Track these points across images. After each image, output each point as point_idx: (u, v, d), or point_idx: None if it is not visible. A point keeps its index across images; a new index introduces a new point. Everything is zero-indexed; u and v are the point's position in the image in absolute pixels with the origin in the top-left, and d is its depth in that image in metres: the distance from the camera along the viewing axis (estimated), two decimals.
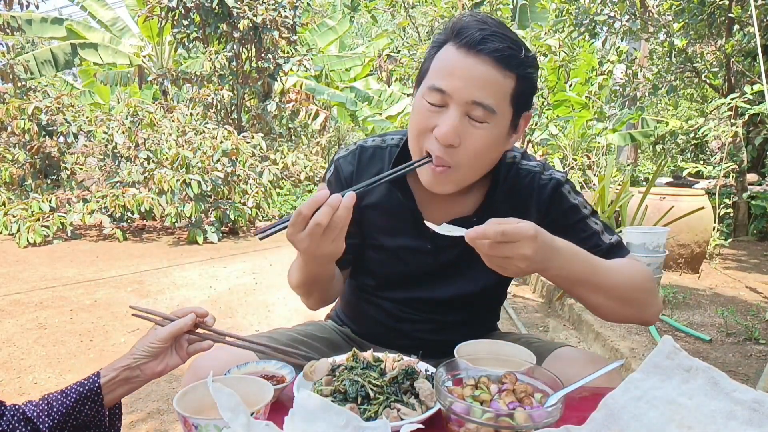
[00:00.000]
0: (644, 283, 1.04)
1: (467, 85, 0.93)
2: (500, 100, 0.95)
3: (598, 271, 0.97)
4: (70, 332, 3.43)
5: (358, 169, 1.17)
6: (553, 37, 5.90)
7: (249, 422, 0.66)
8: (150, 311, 0.97)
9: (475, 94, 0.93)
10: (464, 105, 0.94)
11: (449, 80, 0.94)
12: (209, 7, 8.20)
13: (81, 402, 0.87)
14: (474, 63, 0.93)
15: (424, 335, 1.20)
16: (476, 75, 0.93)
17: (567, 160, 6.79)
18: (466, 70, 0.93)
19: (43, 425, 0.85)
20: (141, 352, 0.91)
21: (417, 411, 0.82)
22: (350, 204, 0.90)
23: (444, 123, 0.94)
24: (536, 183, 1.13)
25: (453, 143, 0.95)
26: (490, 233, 0.83)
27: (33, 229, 6.08)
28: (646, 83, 6.21)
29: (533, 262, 0.86)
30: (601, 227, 1.13)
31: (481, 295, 1.19)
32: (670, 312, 3.39)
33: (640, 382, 0.71)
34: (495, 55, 0.92)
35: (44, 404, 0.87)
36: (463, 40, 0.94)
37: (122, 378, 0.90)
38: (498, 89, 0.94)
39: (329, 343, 1.22)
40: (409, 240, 1.16)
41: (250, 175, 7.27)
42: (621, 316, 1.05)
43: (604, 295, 0.99)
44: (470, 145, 0.96)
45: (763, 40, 4.97)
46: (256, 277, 4.92)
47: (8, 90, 8.01)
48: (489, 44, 0.92)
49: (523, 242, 0.84)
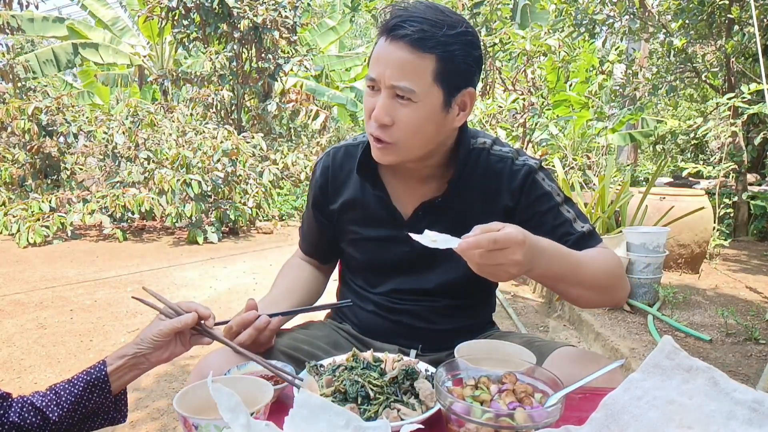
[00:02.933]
0: (616, 270, 1.08)
1: (386, 70, 1.00)
2: (419, 80, 1.00)
3: (578, 266, 1.01)
4: (70, 332, 3.43)
5: (333, 168, 1.25)
6: (553, 37, 5.90)
7: (249, 422, 0.66)
8: (155, 295, 0.99)
9: (394, 78, 1.00)
10: (388, 88, 1.01)
11: (374, 67, 1.03)
12: (209, 7, 8.20)
13: (89, 390, 0.89)
14: (390, 48, 1.00)
15: (421, 324, 1.22)
16: (392, 59, 1.00)
17: (567, 160, 6.79)
18: (385, 56, 1.01)
19: (52, 414, 0.86)
20: (145, 343, 0.93)
21: (417, 411, 0.82)
22: (275, 328, 1.10)
23: (376, 106, 1.03)
24: (508, 168, 1.15)
25: (384, 122, 1.03)
26: (483, 243, 0.83)
27: (33, 229, 6.08)
28: (645, 83, 6.21)
29: (523, 266, 0.87)
30: (574, 215, 1.14)
31: (466, 281, 1.19)
32: (670, 312, 3.39)
33: (640, 382, 0.71)
34: (406, 39, 0.98)
35: (52, 394, 0.88)
36: (383, 29, 1.02)
37: (129, 365, 0.92)
38: (414, 70, 0.99)
39: (331, 342, 1.23)
40: (385, 230, 1.20)
41: (250, 175, 7.27)
42: (597, 302, 1.10)
43: (583, 287, 1.03)
44: (401, 122, 1.03)
45: (763, 40, 4.97)
46: (256, 277, 4.92)
47: (8, 90, 8.01)
48: (401, 30, 0.99)
49: (514, 248, 0.85)
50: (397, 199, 1.19)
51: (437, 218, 1.16)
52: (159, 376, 2.77)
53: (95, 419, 0.92)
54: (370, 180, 1.19)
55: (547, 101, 6.53)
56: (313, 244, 1.36)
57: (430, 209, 1.16)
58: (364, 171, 1.18)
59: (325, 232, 1.31)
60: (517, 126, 6.26)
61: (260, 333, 1.07)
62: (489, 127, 6.34)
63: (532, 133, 6.50)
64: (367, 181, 1.19)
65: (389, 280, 1.23)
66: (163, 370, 2.84)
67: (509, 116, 6.37)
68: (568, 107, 7.40)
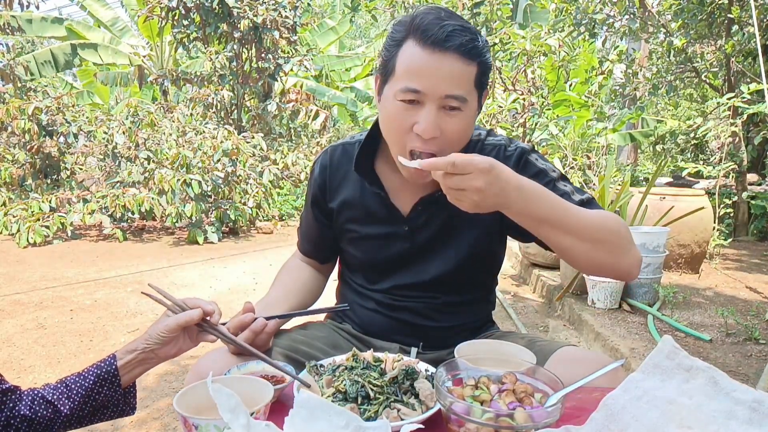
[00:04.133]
0: (619, 228, 1.02)
1: (439, 82, 0.99)
2: (468, 87, 1.02)
3: (566, 210, 0.96)
4: (70, 332, 3.43)
5: (331, 166, 1.26)
6: (553, 37, 5.89)
7: (249, 422, 0.66)
8: (162, 292, 1.00)
9: (448, 89, 0.99)
10: (438, 100, 1.00)
11: (421, 79, 0.99)
12: (209, 7, 8.20)
13: (99, 384, 0.91)
14: (441, 59, 0.98)
15: (422, 321, 1.22)
16: (446, 71, 0.99)
17: (567, 160, 6.79)
18: (435, 68, 0.98)
19: (63, 407, 0.88)
20: (153, 339, 0.95)
21: (417, 411, 0.82)
22: (272, 331, 1.10)
23: (423, 119, 1.00)
24: (501, 155, 1.16)
25: (435, 135, 1.01)
26: (441, 164, 0.86)
27: (33, 229, 6.08)
28: (645, 83, 6.21)
29: (487, 196, 0.87)
30: (571, 189, 1.13)
31: (461, 275, 1.21)
32: (670, 312, 3.39)
33: (640, 382, 0.71)
34: (461, 50, 0.98)
35: (63, 387, 0.90)
36: (429, 40, 0.98)
37: (138, 360, 0.94)
38: (465, 79, 1.01)
39: (329, 343, 1.23)
40: (384, 227, 1.21)
41: (250, 175, 7.27)
42: (595, 261, 1.01)
43: (575, 237, 0.97)
44: (450, 133, 1.02)
45: (763, 40, 4.97)
46: (256, 277, 4.92)
47: (8, 90, 8.01)
48: (454, 40, 0.98)
49: (476, 174, 0.86)
50: (395, 196, 1.19)
51: (436, 213, 1.17)
52: (160, 376, 2.77)
53: (105, 411, 0.94)
54: (368, 178, 1.19)
55: (547, 101, 6.53)
56: (312, 244, 1.36)
57: (429, 204, 1.17)
58: (361, 169, 1.18)
59: (325, 231, 1.31)
60: (517, 126, 6.27)
61: (257, 336, 1.07)
62: (489, 127, 6.34)
63: (532, 133, 6.50)
64: (365, 178, 1.19)
65: (389, 277, 1.24)
66: (165, 370, 2.84)
67: (509, 116, 6.38)
68: (568, 107, 7.40)
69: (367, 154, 1.18)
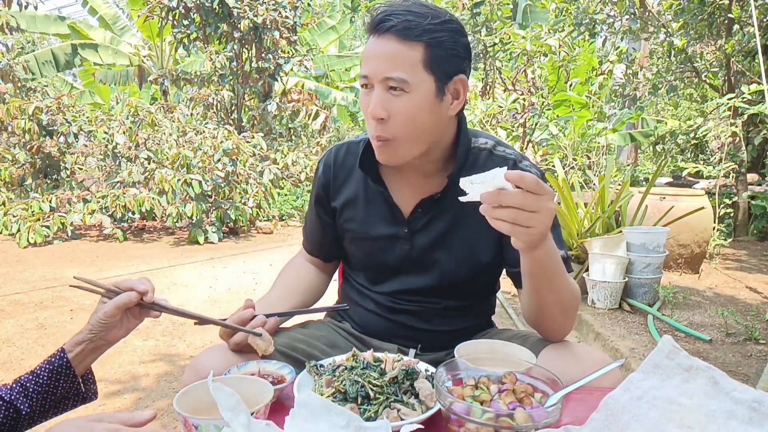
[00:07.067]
0: (577, 303, 1.08)
1: (379, 64, 1.02)
2: (411, 69, 1.01)
3: (563, 271, 1.01)
4: (70, 332, 3.42)
5: (335, 165, 1.26)
6: (553, 37, 5.90)
7: (249, 422, 0.66)
8: (90, 282, 1.00)
9: (385, 71, 1.02)
10: (381, 82, 1.03)
11: (366, 64, 1.04)
12: (209, 7, 8.19)
13: (54, 378, 0.93)
14: (379, 42, 1.02)
15: (421, 325, 1.22)
16: (382, 53, 1.02)
17: (567, 160, 6.79)
18: (374, 51, 1.03)
19: (22, 406, 0.89)
20: (96, 327, 0.96)
21: (417, 411, 0.82)
22: (272, 328, 1.11)
23: (371, 102, 1.04)
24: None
25: (381, 116, 1.03)
26: (529, 180, 0.80)
27: (33, 229, 6.08)
28: (646, 83, 6.21)
29: (549, 222, 0.85)
30: (557, 237, 1.11)
31: (462, 281, 1.20)
32: (670, 312, 3.39)
33: (640, 382, 0.71)
34: (393, 30, 1.01)
35: (18, 387, 0.91)
36: (371, 26, 1.04)
37: (89, 349, 0.96)
38: (404, 60, 1.01)
39: (329, 342, 1.23)
40: (386, 227, 1.20)
41: (250, 174, 7.27)
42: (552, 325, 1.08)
43: (555, 298, 1.02)
44: (397, 114, 1.04)
45: (763, 40, 4.97)
46: (256, 277, 4.92)
47: (8, 90, 8.01)
48: (387, 23, 1.01)
49: (549, 196, 0.84)
50: (397, 197, 1.19)
51: (438, 214, 1.17)
52: (159, 376, 2.77)
53: (67, 402, 0.96)
54: (372, 175, 1.19)
55: (547, 101, 6.53)
56: (316, 243, 1.36)
57: (430, 205, 1.16)
58: (365, 167, 1.19)
59: (328, 230, 1.31)
60: (517, 126, 6.27)
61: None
62: (489, 127, 6.35)
63: (532, 133, 6.51)
64: (369, 175, 1.19)
65: (390, 280, 1.23)
66: (164, 370, 2.84)
67: (509, 116, 6.38)
68: (568, 107, 7.39)
69: (371, 153, 1.18)
